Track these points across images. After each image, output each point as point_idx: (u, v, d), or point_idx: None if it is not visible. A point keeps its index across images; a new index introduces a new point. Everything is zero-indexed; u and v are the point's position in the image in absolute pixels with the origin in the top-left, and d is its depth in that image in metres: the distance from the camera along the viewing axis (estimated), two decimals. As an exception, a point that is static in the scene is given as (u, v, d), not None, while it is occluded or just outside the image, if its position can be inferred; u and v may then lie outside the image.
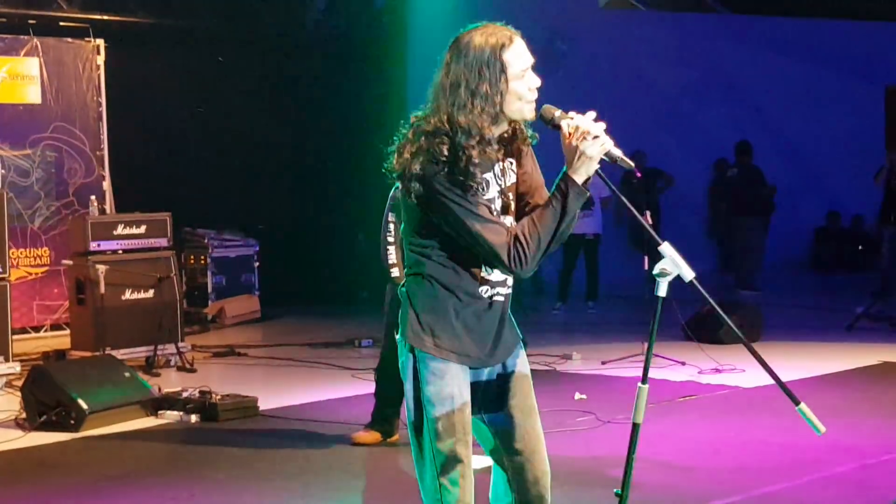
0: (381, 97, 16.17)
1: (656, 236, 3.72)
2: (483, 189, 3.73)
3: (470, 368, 3.83)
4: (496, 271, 3.79)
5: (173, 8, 14.10)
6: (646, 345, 11.14)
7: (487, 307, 3.82)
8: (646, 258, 10.58)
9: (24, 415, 8.15)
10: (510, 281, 3.87)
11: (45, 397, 8.03)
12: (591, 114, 3.69)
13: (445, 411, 3.75)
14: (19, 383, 8.71)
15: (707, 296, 3.76)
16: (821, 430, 3.77)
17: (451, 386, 3.76)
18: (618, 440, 7.54)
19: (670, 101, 17.79)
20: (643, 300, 10.88)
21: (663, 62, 18.17)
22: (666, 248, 3.67)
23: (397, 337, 3.86)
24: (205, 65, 14.44)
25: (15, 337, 10.08)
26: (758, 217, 16.18)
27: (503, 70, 3.67)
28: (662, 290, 3.71)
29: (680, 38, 18.58)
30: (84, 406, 7.94)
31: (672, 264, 3.66)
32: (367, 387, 9.31)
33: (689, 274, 3.67)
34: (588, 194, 3.70)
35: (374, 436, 7.45)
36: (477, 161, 3.66)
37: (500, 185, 3.80)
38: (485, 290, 3.80)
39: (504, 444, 3.95)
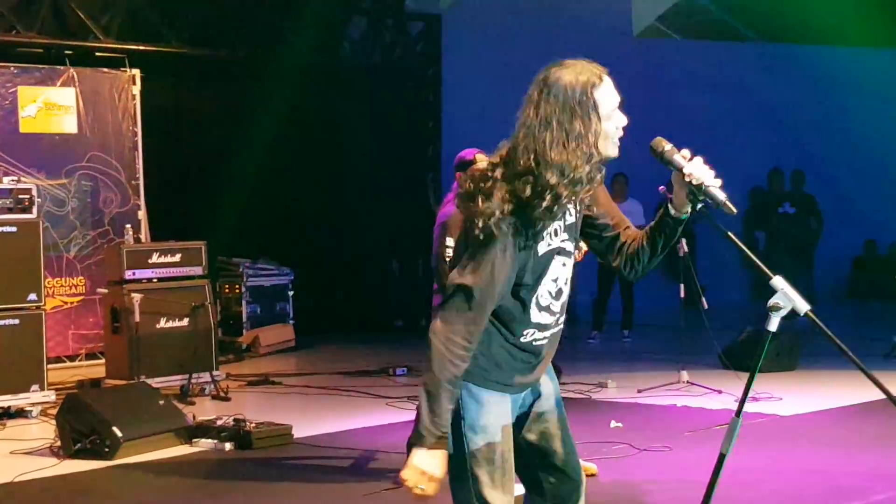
0: (415, 125, 16.23)
1: (767, 270, 3.60)
2: (552, 237, 3.67)
3: (511, 395, 3.81)
4: (545, 314, 3.74)
5: (208, 37, 14.18)
6: (682, 372, 11.03)
7: (531, 346, 3.77)
8: (681, 287, 10.54)
9: (58, 443, 8.17)
10: (561, 319, 3.83)
11: (80, 425, 8.04)
12: (699, 159, 3.68)
13: (486, 439, 3.72)
14: (54, 411, 8.74)
15: (824, 327, 3.63)
16: None
17: (493, 414, 3.73)
18: (654, 468, 7.50)
19: (705, 129, 17.71)
20: (678, 329, 10.82)
21: (698, 91, 18.13)
22: (778, 281, 3.57)
23: None
24: (239, 93, 14.50)
25: (50, 366, 10.12)
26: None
27: (595, 108, 3.59)
28: (773, 325, 3.59)
29: (715, 67, 18.54)
30: (119, 434, 7.95)
31: (785, 298, 3.56)
32: (401, 415, 9.29)
33: (803, 307, 3.54)
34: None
35: None
36: (565, 201, 3.57)
37: (564, 225, 3.72)
38: (530, 333, 3.74)
39: (543, 463, 3.92)
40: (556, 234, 3.69)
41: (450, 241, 6.83)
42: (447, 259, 6.82)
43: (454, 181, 7.14)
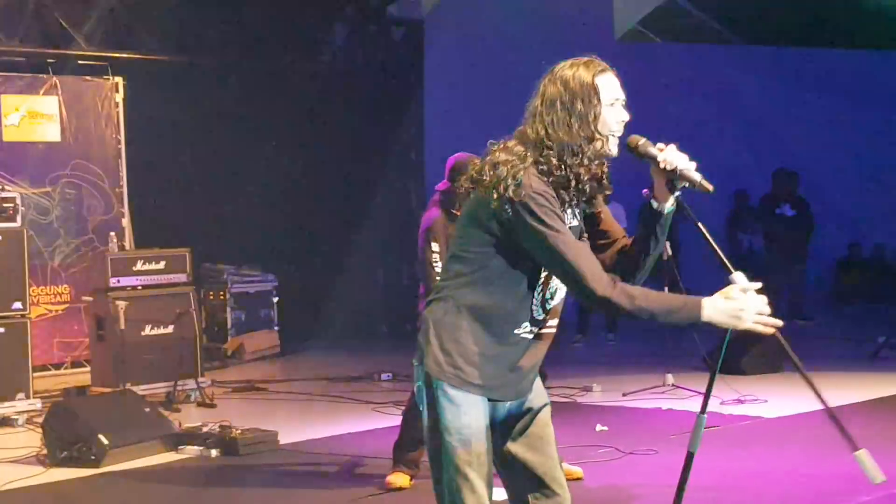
0: (399, 130, 16.24)
1: (728, 265, 3.68)
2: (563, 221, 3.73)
3: (489, 400, 3.81)
4: (539, 308, 3.78)
5: (191, 45, 14.16)
6: (667, 375, 11.08)
7: (520, 343, 3.79)
8: (665, 289, 10.55)
9: (44, 451, 8.15)
10: (552, 323, 3.87)
11: (66, 433, 8.03)
12: (672, 146, 3.78)
13: (463, 441, 3.73)
14: (40, 420, 8.73)
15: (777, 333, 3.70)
16: (877, 480, 3.73)
17: (469, 415, 3.74)
18: (639, 471, 7.52)
19: (687, 132, 17.65)
20: (663, 332, 10.84)
21: (680, 94, 18.17)
22: (737, 277, 3.64)
23: (414, 362, 3.85)
24: (222, 100, 14.49)
25: (35, 374, 10.11)
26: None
27: (597, 92, 3.72)
28: None
29: (697, 70, 18.58)
30: (105, 441, 7.94)
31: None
32: (386, 420, 9.29)
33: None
34: None
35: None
36: (585, 179, 3.68)
37: (574, 224, 3.79)
38: (524, 327, 3.78)
39: (525, 474, 3.92)
40: (566, 220, 3.73)
41: (435, 247, 6.85)
42: (432, 264, 6.83)
43: (438, 185, 7.15)
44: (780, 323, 3.61)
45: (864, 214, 19.01)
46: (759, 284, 3.63)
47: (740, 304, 3.60)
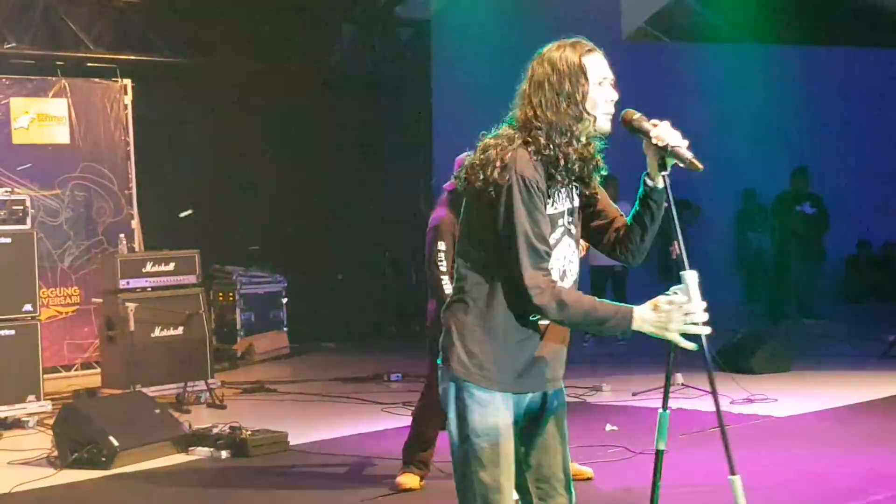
0: (406, 131, 16.24)
1: (686, 262, 3.70)
2: (556, 199, 3.76)
3: (514, 394, 3.82)
4: None
5: (200, 47, 14.18)
6: (675, 374, 11.06)
7: (539, 329, 3.81)
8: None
9: (55, 453, 8.17)
10: None
11: (77, 435, 8.04)
12: (665, 123, 3.81)
13: (490, 441, 3.74)
14: (51, 422, 8.74)
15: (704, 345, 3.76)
16: None
17: (496, 416, 3.76)
18: (649, 471, 7.49)
19: (695, 132, 17.62)
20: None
21: (687, 93, 18.13)
22: (688, 275, 3.66)
23: (439, 363, 3.86)
24: (230, 102, 14.50)
25: (46, 376, 10.14)
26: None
27: (584, 72, 3.74)
28: None
29: (704, 69, 18.54)
30: (115, 443, 7.95)
31: (685, 293, 3.65)
32: (396, 421, 9.30)
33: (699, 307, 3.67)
34: None
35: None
36: (575, 158, 3.70)
37: (568, 205, 3.83)
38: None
39: (534, 470, 3.94)
40: (559, 199, 3.77)
41: (442, 246, 6.85)
42: (438, 263, 6.84)
43: (446, 185, 7.16)
44: (706, 331, 3.68)
45: (873, 213, 18.98)
46: (694, 293, 3.65)
47: (665, 317, 3.66)
